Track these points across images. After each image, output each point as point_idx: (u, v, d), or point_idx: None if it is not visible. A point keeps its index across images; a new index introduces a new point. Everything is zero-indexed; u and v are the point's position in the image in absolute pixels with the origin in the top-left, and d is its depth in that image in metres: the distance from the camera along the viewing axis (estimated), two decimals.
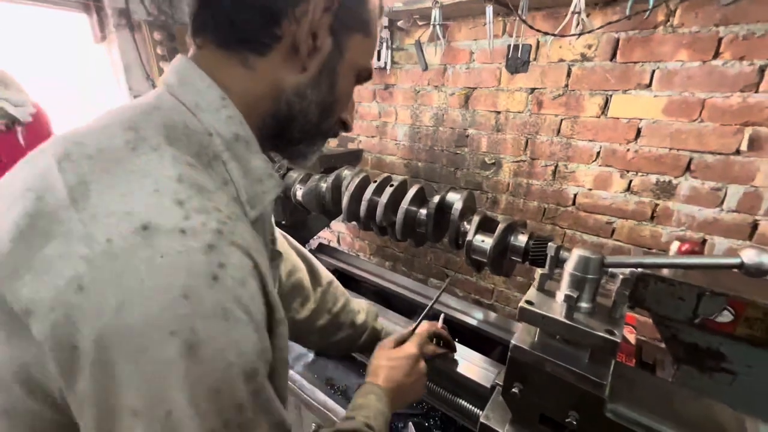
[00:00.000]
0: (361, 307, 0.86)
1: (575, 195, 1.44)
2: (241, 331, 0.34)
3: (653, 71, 1.19)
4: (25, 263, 0.32)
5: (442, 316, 0.99)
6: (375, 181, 1.12)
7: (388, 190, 1.07)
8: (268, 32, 0.42)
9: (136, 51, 2.14)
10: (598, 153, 1.35)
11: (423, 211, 1.05)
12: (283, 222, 1.48)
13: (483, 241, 0.91)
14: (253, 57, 0.43)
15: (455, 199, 1.01)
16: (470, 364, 0.96)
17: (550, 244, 0.69)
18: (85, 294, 0.30)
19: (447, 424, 1.12)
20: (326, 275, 0.88)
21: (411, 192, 1.05)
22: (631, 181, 1.31)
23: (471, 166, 1.67)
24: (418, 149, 1.81)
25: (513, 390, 0.66)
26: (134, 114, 0.40)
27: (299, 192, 1.30)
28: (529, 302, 0.64)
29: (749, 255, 0.49)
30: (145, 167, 0.36)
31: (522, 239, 0.89)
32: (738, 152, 1.12)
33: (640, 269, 0.69)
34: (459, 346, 1.02)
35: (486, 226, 0.95)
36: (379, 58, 1.72)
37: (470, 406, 0.93)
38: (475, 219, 0.94)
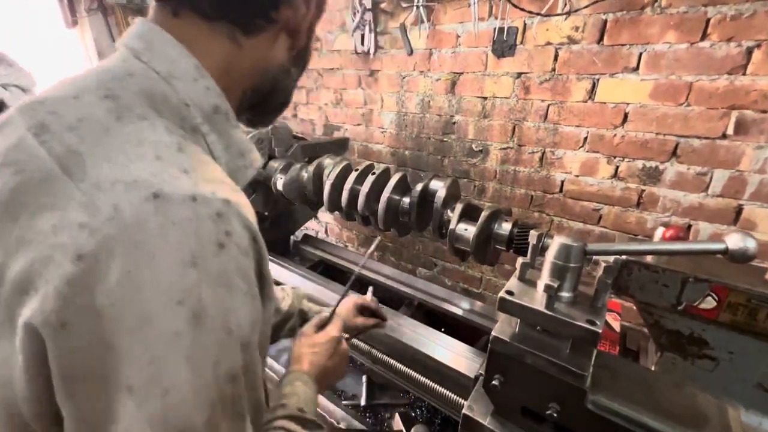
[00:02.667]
0: (286, 293, 0.84)
1: (562, 182, 1.42)
2: (241, 300, 0.34)
3: (640, 54, 1.16)
4: (14, 240, 0.31)
5: (370, 288, 0.98)
6: (356, 170, 1.09)
7: (370, 179, 1.04)
8: (264, 16, 0.41)
9: (109, 36, 2.05)
10: (585, 139, 1.33)
11: (406, 200, 1.03)
12: (266, 213, 1.43)
13: (466, 229, 0.89)
14: (242, 35, 0.41)
15: (439, 186, 0.98)
16: (455, 354, 0.95)
17: (532, 231, 0.67)
18: (85, 263, 0.28)
19: (433, 414, 1.11)
20: None
21: (393, 180, 1.02)
22: (617, 167, 1.30)
23: (458, 153, 1.64)
24: (405, 137, 1.77)
25: (494, 382, 0.65)
26: (104, 80, 0.37)
27: (280, 182, 1.26)
28: (509, 292, 0.62)
29: (734, 240, 0.47)
30: (140, 136, 0.34)
31: (506, 227, 0.87)
32: (724, 136, 1.10)
33: (624, 256, 0.68)
34: (443, 336, 1.00)
35: (470, 214, 0.93)
36: (363, 43, 1.67)
37: (455, 397, 0.92)
38: (458, 207, 0.92)
